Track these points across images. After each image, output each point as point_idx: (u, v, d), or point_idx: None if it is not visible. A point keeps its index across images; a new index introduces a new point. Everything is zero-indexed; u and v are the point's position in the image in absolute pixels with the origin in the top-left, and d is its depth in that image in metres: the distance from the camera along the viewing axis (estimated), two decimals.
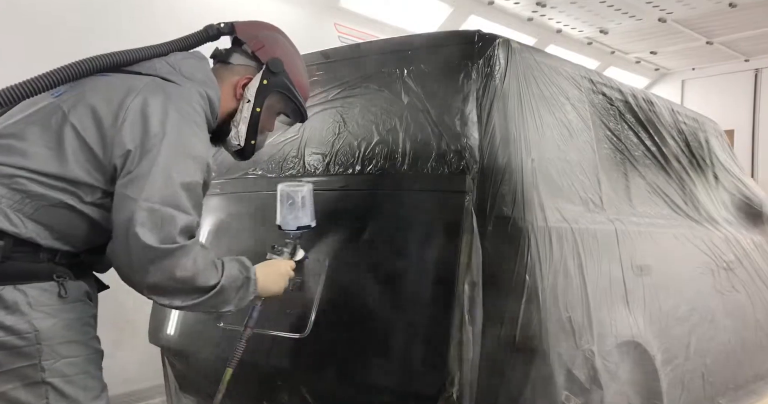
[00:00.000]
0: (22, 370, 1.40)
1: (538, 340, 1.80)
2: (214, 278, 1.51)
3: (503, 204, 1.86)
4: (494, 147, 1.89)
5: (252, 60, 1.73)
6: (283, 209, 1.96)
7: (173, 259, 1.42)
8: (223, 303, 1.56)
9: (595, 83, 2.45)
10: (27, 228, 1.41)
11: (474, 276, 1.79)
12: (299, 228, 1.94)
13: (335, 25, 4.72)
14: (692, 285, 2.66)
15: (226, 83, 1.70)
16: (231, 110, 1.71)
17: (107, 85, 1.50)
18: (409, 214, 1.95)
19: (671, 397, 2.41)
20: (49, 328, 1.42)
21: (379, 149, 2.08)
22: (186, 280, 1.45)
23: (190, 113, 1.51)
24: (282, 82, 1.72)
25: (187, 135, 1.48)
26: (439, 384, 1.74)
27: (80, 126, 1.44)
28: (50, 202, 1.42)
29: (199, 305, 1.52)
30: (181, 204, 1.43)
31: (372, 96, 2.17)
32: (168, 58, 1.62)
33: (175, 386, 2.45)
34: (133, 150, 1.42)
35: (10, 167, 1.41)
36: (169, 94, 1.50)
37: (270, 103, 1.73)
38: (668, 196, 2.74)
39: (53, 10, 3.29)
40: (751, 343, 3.08)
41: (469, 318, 1.76)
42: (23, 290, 1.40)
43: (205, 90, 1.59)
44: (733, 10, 5.29)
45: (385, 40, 2.41)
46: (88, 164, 1.43)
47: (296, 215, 1.93)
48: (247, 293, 1.61)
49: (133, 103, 1.45)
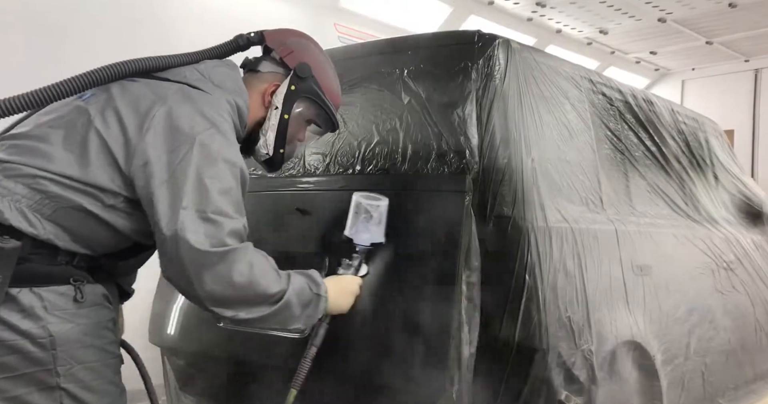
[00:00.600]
0: (36, 375, 1.38)
1: (538, 340, 1.80)
2: (275, 285, 1.48)
3: (503, 204, 1.86)
4: (494, 147, 1.89)
5: (280, 66, 1.70)
6: (357, 222, 1.86)
7: (227, 263, 1.40)
8: (291, 319, 1.53)
9: (595, 83, 2.45)
10: (45, 229, 1.39)
11: (474, 276, 1.79)
12: (373, 244, 1.87)
13: (335, 25, 4.72)
14: (692, 285, 2.66)
15: (255, 91, 1.67)
16: (260, 119, 1.68)
17: (135, 91, 1.48)
18: (409, 214, 1.94)
19: (671, 397, 2.41)
20: (65, 333, 1.39)
21: (379, 149, 2.08)
22: (245, 286, 1.43)
23: (219, 121, 1.48)
24: (310, 87, 1.68)
25: (218, 141, 1.45)
26: (439, 384, 1.74)
27: (105, 131, 1.42)
28: (69, 203, 1.40)
29: (266, 319, 1.49)
30: (222, 208, 1.41)
31: (372, 96, 2.17)
32: (198, 65, 1.60)
33: (175, 386, 2.45)
34: (157, 160, 1.39)
35: (32, 168, 1.40)
36: (196, 102, 1.48)
37: (299, 109, 1.69)
38: (668, 195, 2.74)
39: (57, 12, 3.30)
40: (751, 343, 3.08)
41: (469, 318, 1.77)
42: (39, 293, 1.38)
43: (233, 98, 1.57)
44: (733, 10, 5.29)
45: (385, 40, 2.41)
46: (110, 169, 1.42)
47: (371, 230, 1.86)
48: (317, 311, 1.58)
49: (159, 112, 1.43)
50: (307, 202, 2.15)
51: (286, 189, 2.26)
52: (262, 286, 1.46)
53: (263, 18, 4.15)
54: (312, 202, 2.16)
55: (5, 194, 1.38)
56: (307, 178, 2.22)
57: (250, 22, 3.96)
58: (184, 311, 2.34)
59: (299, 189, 2.22)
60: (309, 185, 2.21)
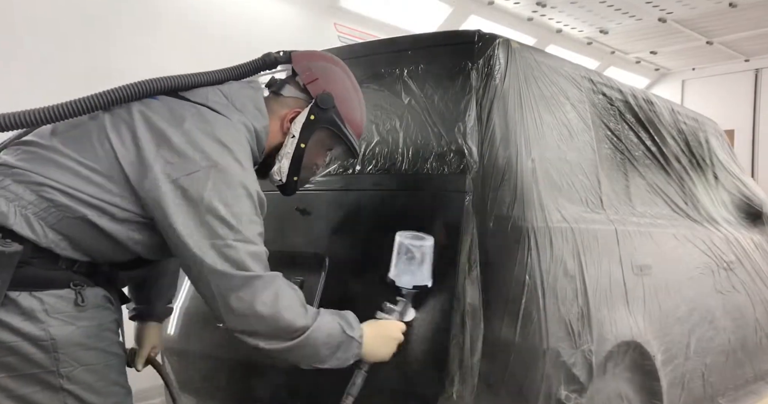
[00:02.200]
0: (40, 376, 1.38)
1: (538, 340, 1.80)
2: (300, 320, 1.44)
3: (503, 204, 1.85)
4: (494, 147, 1.89)
5: (303, 92, 1.67)
6: (399, 263, 1.75)
7: (252, 289, 1.39)
8: (316, 357, 1.49)
9: (595, 83, 2.45)
10: (47, 237, 1.39)
11: (474, 277, 1.79)
12: (416, 287, 1.75)
13: (335, 25, 4.72)
14: (692, 285, 2.65)
15: (276, 116, 1.65)
16: (278, 143, 1.66)
17: (154, 111, 1.47)
18: (409, 214, 1.94)
19: (671, 397, 2.41)
20: (67, 336, 1.39)
21: (379, 149, 2.08)
22: (266, 317, 1.41)
23: (235, 148, 1.47)
24: (331, 118, 1.65)
25: (233, 167, 1.44)
26: (439, 384, 1.74)
27: (118, 147, 1.42)
28: (75, 214, 1.40)
29: (286, 352, 1.46)
30: (242, 233, 1.40)
31: (372, 96, 2.17)
32: (223, 87, 1.58)
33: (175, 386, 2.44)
34: (172, 184, 1.39)
35: (43, 176, 1.40)
36: (214, 126, 1.46)
37: (317, 139, 1.66)
38: (668, 196, 2.74)
39: None
40: (751, 343, 3.08)
41: (469, 318, 1.76)
42: (39, 297, 1.37)
43: (252, 123, 1.55)
44: (733, 10, 5.29)
45: (385, 40, 2.41)
46: (122, 186, 1.42)
47: (414, 272, 1.74)
48: (348, 354, 1.53)
49: (175, 134, 1.42)
50: (307, 202, 2.15)
51: None
52: (285, 320, 1.43)
53: (263, 18, 4.15)
54: (312, 202, 2.16)
55: (12, 199, 1.38)
56: None
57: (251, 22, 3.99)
58: (184, 311, 2.34)
59: (299, 189, 2.22)
60: (309, 185, 2.21)
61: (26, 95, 1.53)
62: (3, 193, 1.38)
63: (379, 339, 1.63)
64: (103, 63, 3.24)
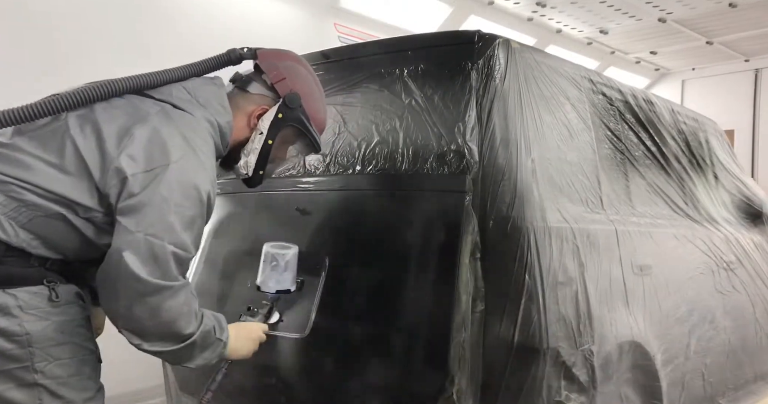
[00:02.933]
0: (15, 372, 1.40)
1: (538, 340, 1.80)
2: (191, 327, 1.49)
3: (503, 204, 1.85)
4: (494, 147, 1.89)
5: (270, 91, 1.71)
6: (265, 270, 1.95)
7: (160, 297, 1.41)
8: (188, 357, 1.54)
9: (595, 83, 2.45)
10: (18, 237, 1.41)
11: (474, 276, 1.79)
12: (278, 291, 1.94)
13: (335, 25, 4.72)
14: (692, 285, 2.66)
15: (241, 111, 1.68)
16: (243, 138, 1.70)
17: (118, 109, 1.49)
18: (409, 214, 1.95)
19: (671, 397, 2.41)
20: (41, 331, 1.41)
21: (379, 149, 2.08)
22: (165, 323, 1.44)
23: (198, 144, 1.49)
24: (297, 116, 1.70)
25: (192, 167, 1.46)
26: (439, 384, 1.74)
27: (83, 147, 1.43)
28: (45, 212, 1.41)
29: (166, 354, 1.50)
30: (180, 239, 1.42)
31: (372, 96, 2.17)
32: (186, 83, 1.61)
33: (175, 386, 2.45)
34: (131, 178, 1.40)
35: (10, 177, 1.40)
36: (177, 123, 1.49)
37: (283, 136, 1.71)
38: (668, 195, 2.74)
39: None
40: (751, 343, 3.08)
41: (469, 318, 1.77)
42: (13, 294, 1.39)
43: (216, 118, 1.58)
44: (733, 10, 5.29)
45: (385, 40, 2.41)
46: (86, 183, 1.42)
47: (277, 278, 1.94)
48: (214, 354, 1.59)
49: (139, 131, 1.44)
50: (307, 202, 2.15)
51: (286, 189, 2.27)
52: (180, 327, 1.46)
53: (264, 18, 4.16)
54: (312, 202, 2.16)
55: None
56: (307, 178, 2.22)
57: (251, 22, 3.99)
58: None
59: (299, 189, 2.23)
60: (309, 185, 2.21)
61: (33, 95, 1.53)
62: None
63: (241, 339, 1.72)
64: (104, 65, 3.24)
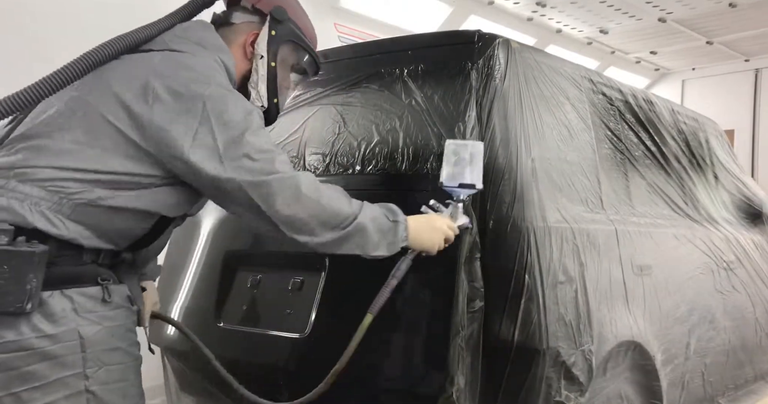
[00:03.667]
0: (66, 380, 1.36)
1: (538, 340, 1.80)
2: (346, 208, 1.52)
3: (503, 204, 1.85)
4: (494, 147, 1.89)
5: (254, 14, 1.66)
6: (447, 166, 1.76)
7: (292, 188, 1.45)
8: (369, 244, 1.55)
9: (595, 83, 2.45)
10: (69, 229, 1.38)
11: (474, 277, 1.79)
12: (462, 185, 1.74)
13: (335, 25, 4.72)
14: (692, 285, 2.66)
15: (234, 45, 1.64)
16: (245, 73, 1.65)
17: (125, 69, 1.45)
18: (409, 214, 1.94)
19: (671, 397, 2.41)
20: (94, 335, 1.39)
21: (379, 149, 2.08)
22: (314, 205, 1.47)
23: (215, 76, 1.49)
24: (290, 29, 1.67)
25: (223, 93, 1.45)
26: (439, 384, 1.74)
27: (111, 115, 1.40)
28: (86, 198, 1.39)
29: (341, 243, 1.53)
30: (260, 146, 1.44)
31: (372, 96, 2.17)
32: (174, 30, 1.57)
33: (175, 386, 2.45)
34: (176, 128, 1.39)
35: (42, 168, 1.38)
36: (187, 64, 1.47)
37: (283, 54, 1.67)
38: (668, 195, 2.74)
39: None
40: (751, 343, 3.08)
41: (469, 318, 1.77)
42: (70, 296, 1.37)
43: (219, 56, 1.56)
44: (733, 10, 5.29)
45: (385, 40, 2.41)
46: (126, 152, 1.40)
47: (461, 172, 1.74)
48: (397, 238, 1.60)
49: (156, 84, 1.41)
50: None
51: None
52: (333, 207, 1.50)
53: None
54: None
55: (23, 199, 1.36)
56: None
57: None
58: (184, 311, 2.34)
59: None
60: None
61: None
62: (13, 195, 1.36)
63: (424, 227, 1.66)
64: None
